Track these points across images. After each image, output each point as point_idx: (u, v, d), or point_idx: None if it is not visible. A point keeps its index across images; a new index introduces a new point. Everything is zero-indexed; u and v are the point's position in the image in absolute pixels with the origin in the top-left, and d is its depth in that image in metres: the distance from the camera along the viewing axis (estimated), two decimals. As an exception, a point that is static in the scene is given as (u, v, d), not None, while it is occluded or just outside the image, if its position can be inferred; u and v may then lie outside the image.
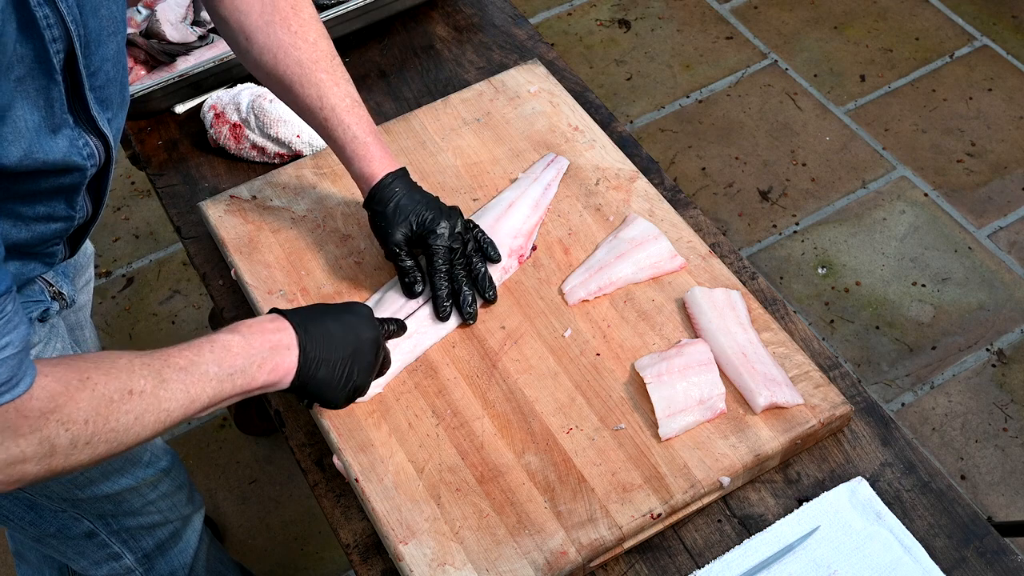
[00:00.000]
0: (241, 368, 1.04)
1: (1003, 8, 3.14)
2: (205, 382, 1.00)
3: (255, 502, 2.29)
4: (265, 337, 1.07)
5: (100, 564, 1.53)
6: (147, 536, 1.53)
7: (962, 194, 2.71)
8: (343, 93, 1.31)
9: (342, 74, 1.32)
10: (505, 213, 1.45)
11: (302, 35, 1.30)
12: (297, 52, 1.29)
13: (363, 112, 1.32)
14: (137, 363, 0.96)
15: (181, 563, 1.62)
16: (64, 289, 1.30)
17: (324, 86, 1.30)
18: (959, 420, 2.33)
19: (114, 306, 2.63)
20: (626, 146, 1.59)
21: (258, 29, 1.30)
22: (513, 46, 1.78)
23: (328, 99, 1.30)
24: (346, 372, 1.14)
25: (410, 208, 1.31)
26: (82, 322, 1.60)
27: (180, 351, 1.01)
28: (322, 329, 1.12)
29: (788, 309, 1.41)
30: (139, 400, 0.94)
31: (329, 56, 1.32)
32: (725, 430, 1.25)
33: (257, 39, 1.30)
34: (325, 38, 1.32)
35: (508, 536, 1.18)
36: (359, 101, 1.33)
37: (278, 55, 1.30)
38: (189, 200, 1.61)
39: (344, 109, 1.30)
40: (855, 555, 1.18)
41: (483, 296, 1.36)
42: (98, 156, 1.07)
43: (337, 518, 1.26)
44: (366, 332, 1.17)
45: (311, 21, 1.31)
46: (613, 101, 2.98)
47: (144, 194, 2.86)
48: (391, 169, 1.32)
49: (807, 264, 2.60)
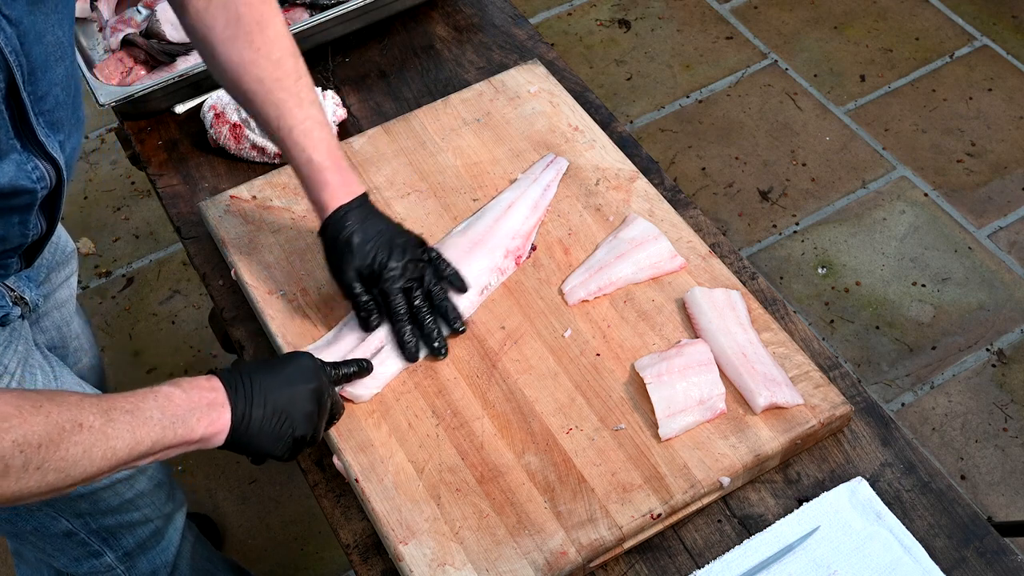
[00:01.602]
0: (182, 418, 1.05)
1: (1003, 8, 3.14)
2: (149, 426, 1.02)
3: (255, 502, 2.29)
4: (202, 394, 1.08)
5: (80, 561, 1.53)
6: (127, 534, 1.53)
7: (962, 194, 2.71)
8: (304, 115, 1.27)
9: (307, 95, 1.28)
10: (504, 214, 1.45)
11: (265, 53, 1.27)
12: (258, 70, 1.27)
13: (324, 135, 1.28)
14: (85, 401, 0.98)
15: (163, 561, 1.62)
16: (26, 294, 1.30)
17: (284, 106, 1.27)
18: (959, 420, 2.33)
19: (114, 306, 2.63)
20: (626, 146, 1.59)
21: (221, 43, 1.27)
22: (513, 46, 1.78)
23: (286, 119, 1.27)
24: (281, 426, 1.13)
25: (360, 246, 1.27)
26: (67, 318, 1.60)
27: (124, 397, 1.02)
28: (254, 386, 1.12)
29: (788, 309, 1.41)
30: (88, 434, 0.96)
31: (293, 76, 1.28)
32: (725, 430, 1.25)
33: (220, 53, 1.28)
34: (292, 56, 1.28)
35: (508, 536, 1.18)
36: (322, 123, 1.29)
37: (239, 71, 1.27)
38: (189, 200, 1.61)
39: (302, 131, 1.27)
40: (855, 555, 1.18)
41: (450, 328, 1.33)
42: (48, 179, 1.09)
43: (337, 518, 1.26)
44: (306, 383, 1.16)
45: (277, 39, 1.28)
46: (613, 101, 2.98)
47: (144, 194, 2.86)
48: (346, 199, 1.28)
49: (807, 264, 2.60)
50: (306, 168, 1.28)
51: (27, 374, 1.29)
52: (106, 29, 1.77)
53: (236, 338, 1.45)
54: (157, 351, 2.52)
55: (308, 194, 1.30)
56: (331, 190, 1.27)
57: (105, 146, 2.99)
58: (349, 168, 1.30)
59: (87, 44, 1.78)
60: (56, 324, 1.57)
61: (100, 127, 3.03)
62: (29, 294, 1.30)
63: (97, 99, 1.63)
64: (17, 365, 1.29)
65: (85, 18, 1.82)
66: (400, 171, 1.55)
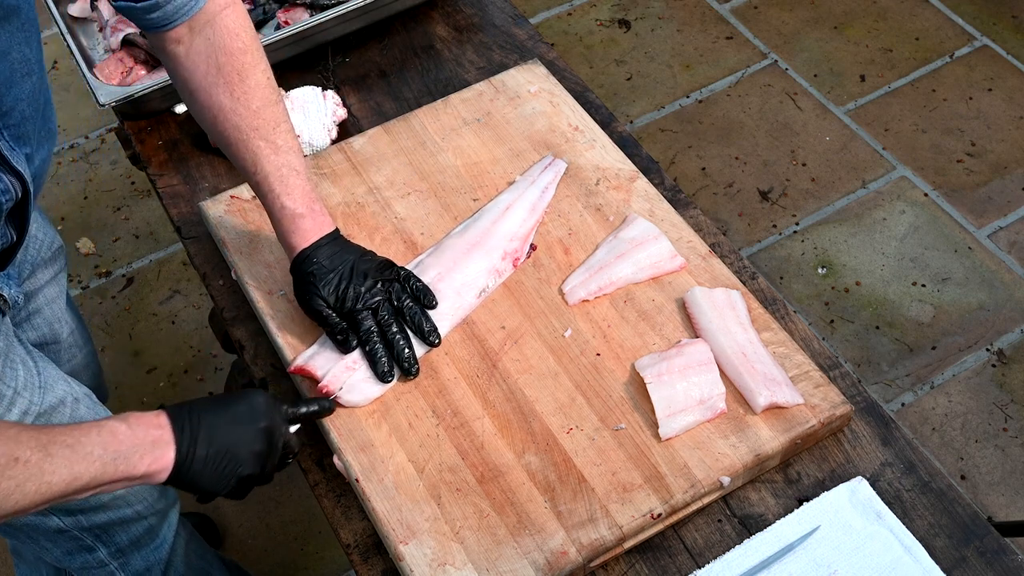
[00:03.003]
0: (124, 454, 1.05)
1: (1003, 8, 3.14)
2: (89, 462, 1.01)
3: (255, 502, 2.29)
4: (148, 431, 1.08)
5: (73, 555, 1.53)
6: (120, 531, 1.53)
7: (962, 194, 2.71)
8: (280, 162, 1.28)
9: (285, 141, 1.29)
10: (502, 216, 1.45)
11: (244, 102, 1.27)
12: (236, 118, 1.27)
13: (299, 181, 1.29)
14: (24, 435, 0.97)
15: (157, 558, 1.62)
16: (6, 292, 1.30)
17: (261, 153, 1.28)
18: (959, 420, 2.33)
19: (114, 306, 2.63)
20: (626, 146, 1.59)
21: (200, 89, 1.28)
22: (513, 46, 1.78)
23: (262, 166, 1.28)
24: (225, 466, 1.13)
25: (325, 275, 1.28)
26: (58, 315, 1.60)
27: (68, 430, 1.02)
28: (201, 425, 1.12)
29: (788, 309, 1.42)
30: (23, 469, 0.96)
31: (271, 124, 1.29)
32: (725, 430, 1.25)
33: (199, 98, 1.29)
34: (272, 105, 1.29)
35: (508, 536, 1.18)
36: (298, 170, 1.30)
37: (218, 117, 1.28)
38: (189, 200, 1.61)
39: (277, 178, 1.28)
40: (855, 555, 1.18)
41: (426, 342, 1.32)
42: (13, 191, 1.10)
43: (337, 518, 1.26)
44: (255, 423, 1.16)
45: (257, 89, 1.28)
46: (613, 101, 2.98)
47: (144, 194, 2.86)
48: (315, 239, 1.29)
49: (807, 264, 2.60)
50: (279, 214, 1.29)
51: (7, 370, 1.29)
52: (106, 29, 1.77)
53: (236, 338, 1.45)
54: (157, 351, 2.52)
55: (280, 239, 1.31)
56: (302, 233, 1.29)
57: (105, 146, 2.99)
58: (322, 210, 1.31)
59: (87, 44, 1.78)
60: (47, 321, 1.57)
61: (100, 127, 3.03)
62: (8, 291, 1.31)
63: (97, 99, 1.63)
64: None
65: (85, 18, 1.82)
66: (400, 171, 1.55)
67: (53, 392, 1.35)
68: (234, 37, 1.27)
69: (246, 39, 1.29)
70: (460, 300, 1.37)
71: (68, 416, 1.36)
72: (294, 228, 1.29)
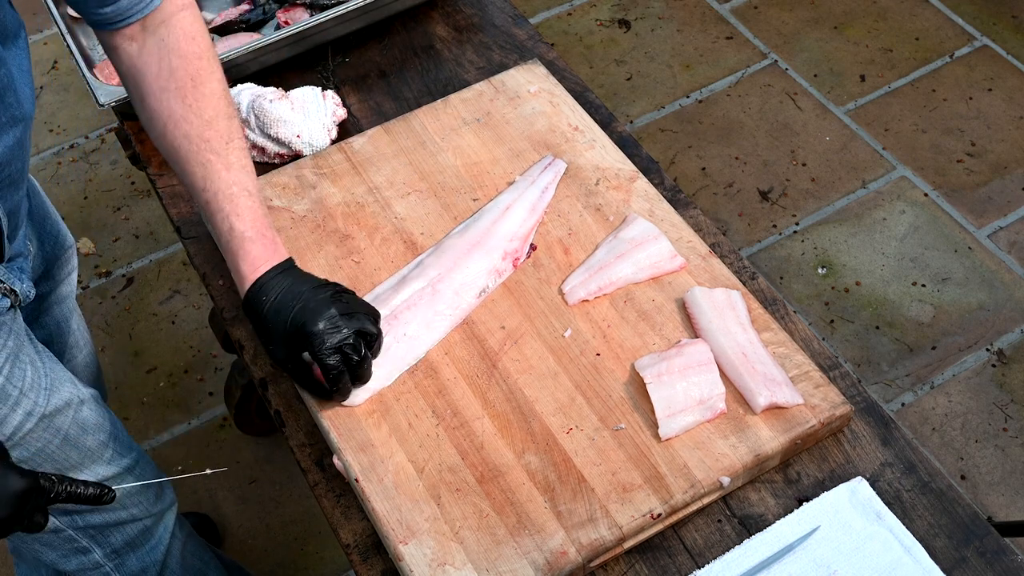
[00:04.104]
0: None
1: (1003, 8, 3.14)
2: None
3: (255, 502, 2.29)
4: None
5: (68, 557, 1.53)
6: (115, 532, 1.53)
7: (962, 194, 2.71)
8: (231, 180, 1.22)
9: (237, 159, 1.23)
10: (501, 216, 1.45)
11: (196, 110, 1.21)
12: (187, 126, 1.21)
13: (251, 203, 1.23)
14: None
15: (153, 560, 1.61)
16: (16, 286, 1.29)
17: (210, 167, 1.21)
18: (959, 420, 2.33)
19: (114, 306, 2.63)
20: (626, 146, 1.59)
21: (151, 93, 1.22)
22: (513, 46, 1.78)
23: (212, 182, 1.21)
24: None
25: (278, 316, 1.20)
26: (66, 314, 1.60)
27: None
28: None
29: (788, 309, 1.41)
30: None
31: (224, 138, 1.22)
32: (725, 430, 1.25)
33: (148, 103, 1.23)
34: (227, 118, 1.23)
35: (508, 536, 1.18)
36: (250, 191, 1.23)
37: (168, 124, 1.22)
38: (189, 200, 1.61)
39: (226, 197, 1.21)
40: (855, 555, 1.18)
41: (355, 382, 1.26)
42: None
43: (337, 518, 1.26)
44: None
45: (211, 97, 1.22)
46: (613, 101, 2.98)
47: (144, 194, 2.86)
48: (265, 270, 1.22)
49: (807, 264, 2.60)
50: (227, 236, 1.23)
51: (16, 370, 1.28)
52: (106, 29, 1.77)
53: (236, 338, 1.45)
54: (157, 351, 2.52)
55: (230, 263, 1.24)
56: (250, 260, 1.22)
57: (105, 146, 2.99)
58: (274, 238, 1.25)
59: (87, 44, 1.78)
60: (56, 320, 1.57)
61: (100, 127, 3.03)
62: (19, 286, 1.29)
63: (97, 99, 1.63)
64: (5, 361, 1.27)
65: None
66: (400, 171, 1.55)
67: (59, 394, 1.34)
68: (190, 40, 1.22)
69: (202, 44, 1.23)
70: (460, 300, 1.37)
71: (71, 419, 1.36)
72: (244, 253, 1.22)
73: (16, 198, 1.21)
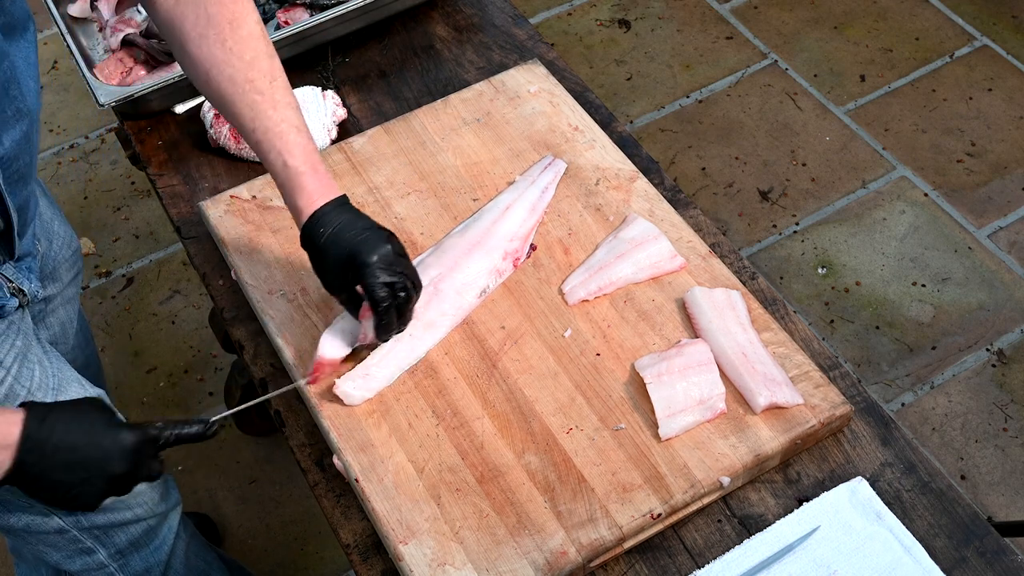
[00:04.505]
0: None
1: (1003, 8, 3.14)
2: None
3: (255, 502, 2.29)
4: None
5: (72, 558, 1.53)
6: (119, 533, 1.53)
7: (962, 194, 2.71)
8: (279, 117, 1.23)
9: (282, 96, 1.24)
10: (502, 216, 1.45)
11: (237, 53, 1.22)
12: (231, 69, 1.22)
13: (300, 139, 1.24)
14: None
15: (156, 560, 1.61)
16: (25, 285, 1.29)
17: (258, 108, 1.23)
18: (959, 420, 2.33)
19: (114, 306, 2.63)
20: (626, 146, 1.59)
21: (191, 41, 1.24)
22: (513, 46, 1.78)
23: (260, 121, 1.23)
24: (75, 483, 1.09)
25: (334, 253, 1.23)
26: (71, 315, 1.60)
27: None
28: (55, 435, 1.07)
29: (788, 309, 1.41)
30: None
31: (268, 77, 1.23)
32: (725, 430, 1.25)
33: (190, 50, 1.24)
34: (267, 57, 1.24)
35: (508, 536, 1.18)
36: (298, 127, 1.25)
37: (211, 71, 1.24)
38: (189, 200, 1.61)
39: (277, 134, 1.22)
40: (855, 555, 1.18)
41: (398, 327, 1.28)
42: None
43: (337, 518, 1.26)
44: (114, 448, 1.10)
45: (250, 39, 1.23)
46: (613, 101, 2.98)
47: (144, 194, 2.86)
48: (321, 204, 1.23)
49: (807, 264, 2.60)
50: (282, 173, 1.24)
51: (24, 370, 1.29)
52: (106, 29, 1.77)
53: (236, 338, 1.45)
54: (157, 351, 2.52)
55: (284, 199, 1.26)
56: (307, 195, 1.23)
57: (105, 146, 2.99)
58: (326, 172, 1.26)
59: (87, 44, 1.78)
60: (61, 320, 1.57)
61: (100, 127, 3.03)
62: (28, 285, 1.30)
63: (97, 99, 1.63)
64: (13, 360, 1.28)
65: (85, 18, 1.82)
66: (400, 171, 1.55)
67: (66, 394, 1.34)
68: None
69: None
70: (460, 300, 1.37)
71: None
72: (299, 187, 1.23)
73: (24, 194, 1.21)
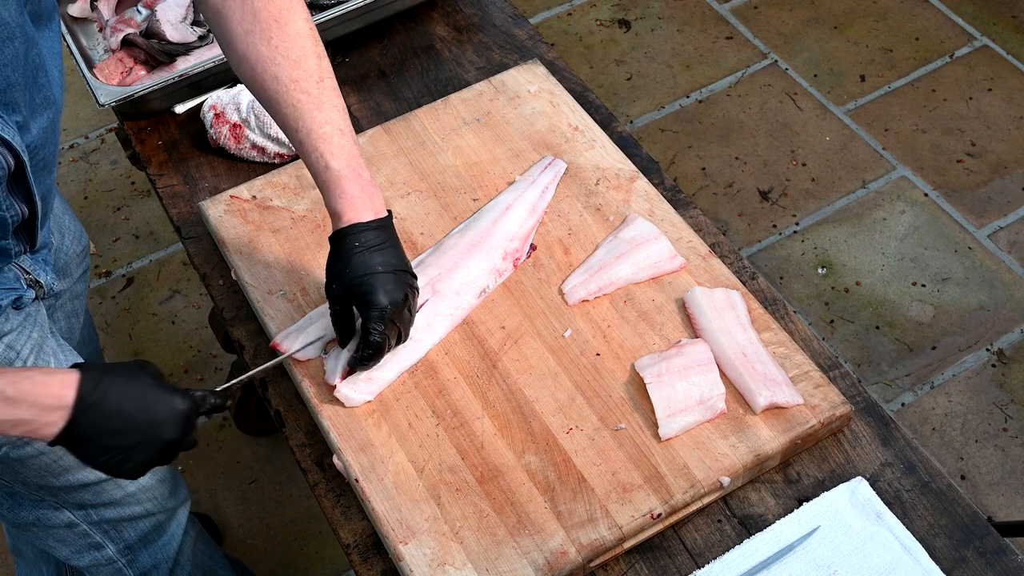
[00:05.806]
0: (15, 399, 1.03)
1: (1003, 8, 3.14)
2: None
3: (255, 502, 2.29)
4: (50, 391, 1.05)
5: (82, 553, 1.53)
6: (128, 528, 1.53)
7: (962, 194, 2.71)
8: (324, 119, 1.21)
9: (328, 98, 1.23)
10: (502, 216, 1.45)
11: (283, 51, 1.21)
12: (275, 68, 1.22)
13: (345, 143, 1.22)
14: None
15: (165, 556, 1.62)
16: (41, 277, 1.29)
17: (302, 107, 1.21)
18: (959, 420, 2.33)
19: (114, 306, 2.63)
20: (626, 146, 1.59)
21: (237, 37, 1.23)
22: (513, 46, 1.78)
23: (304, 122, 1.21)
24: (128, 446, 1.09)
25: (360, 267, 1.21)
26: (78, 310, 1.60)
27: None
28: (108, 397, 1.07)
29: (788, 309, 1.41)
30: None
31: (315, 77, 1.22)
32: (725, 430, 1.25)
33: (236, 47, 1.24)
34: (315, 57, 1.23)
35: (508, 536, 1.18)
36: (343, 130, 1.23)
37: (256, 67, 1.23)
38: (189, 200, 1.61)
39: (321, 136, 1.21)
40: (855, 555, 1.18)
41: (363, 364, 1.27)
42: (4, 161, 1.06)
43: (337, 518, 1.26)
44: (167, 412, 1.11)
45: (297, 37, 1.22)
46: (613, 101, 2.98)
47: (144, 194, 2.86)
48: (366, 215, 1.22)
49: (807, 264, 2.60)
50: (323, 175, 1.22)
51: (40, 361, 1.29)
52: (106, 29, 1.77)
53: (236, 338, 1.45)
54: (157, 351, 2.52)
55: (325, 201, 1.24)
56: (348, 199, 1.21)
57: (105, 146, 2.99)
58: (371, 181, 1.24)
59: (87, 44, 1.78)
60: (67, 315, 1.58)
61: (100, 127, 3.03)
62: (44, 277, 1.30)
63: (97, 99, 1.63)
64: (30, 352, 1.28)
65: (85, 18, 1.82)
66: (400, 171, 1.55)
67: None
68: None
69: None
70: (460, 300, 1.37)
71: None
72: (341, 191, 1.21)
73: (48, 182, 1.21)
